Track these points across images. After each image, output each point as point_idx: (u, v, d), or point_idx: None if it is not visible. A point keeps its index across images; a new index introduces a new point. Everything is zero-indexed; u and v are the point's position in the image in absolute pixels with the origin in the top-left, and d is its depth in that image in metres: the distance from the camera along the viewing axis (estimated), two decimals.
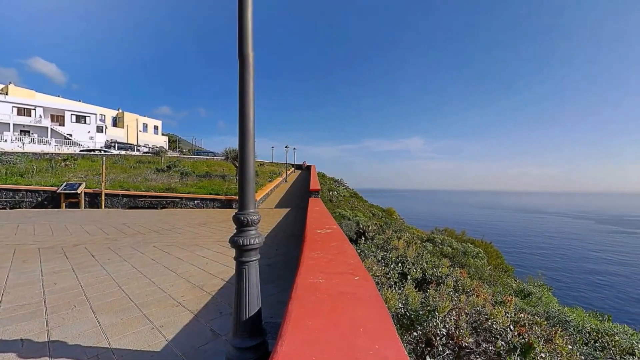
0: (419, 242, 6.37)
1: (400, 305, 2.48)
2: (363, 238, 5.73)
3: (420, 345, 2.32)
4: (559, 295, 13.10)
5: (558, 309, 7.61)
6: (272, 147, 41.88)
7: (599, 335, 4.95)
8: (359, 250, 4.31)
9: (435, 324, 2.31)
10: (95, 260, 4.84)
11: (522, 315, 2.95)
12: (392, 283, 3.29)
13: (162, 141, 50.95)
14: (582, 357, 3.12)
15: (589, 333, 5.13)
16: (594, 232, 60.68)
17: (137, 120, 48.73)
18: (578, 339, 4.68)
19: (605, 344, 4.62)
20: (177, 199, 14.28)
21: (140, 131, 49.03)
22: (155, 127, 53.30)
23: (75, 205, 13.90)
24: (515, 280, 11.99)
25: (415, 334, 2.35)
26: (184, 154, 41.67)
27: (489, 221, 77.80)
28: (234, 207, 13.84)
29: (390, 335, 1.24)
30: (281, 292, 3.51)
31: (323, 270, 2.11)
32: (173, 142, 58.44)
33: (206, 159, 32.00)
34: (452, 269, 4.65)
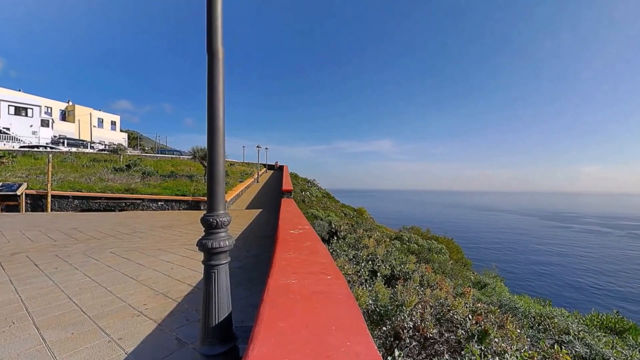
0: (388, 240, 6.62)
1: (370, 301, 2.56)
2: (335, 237, 5.81)
3: (390, 338, 2.41)
4: (510, 285, 14.43)
5: (509, 298, 8.41)
6: (243, 147, 40.98)
7: (542, 319, 5.55)
8: (331, 250, 4.36)
9: (402, 317, 2.42)
10: (40, 270, 4.34)
11: (479, 305, 3.20)
12: (363, 280, 3.38)
13: (120, 138, 47.09)
14: (528, 340, 3.47)
15: (534, 317, 5.73)
16: (538, 227, 68.77)
17: (90, 114, 44.52)
18: (525, 323, 5.20)
19: (547, 326, 5.20)
20: (139, 201, 13.30)
21: (94, 127, 44.87)
22: (113, 123, 49.13)
23: (14, 208, 12.32)
24: (473, 273, 12.97)
25: (384, 328, 2.43)
26: (146, 153, 38.99)
27: (451, 219, 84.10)
28: (202, 208, 13.26)
29: (361, 331, 1.28)
30: (252, 294, 3.43)
31: (296, 270, 2.10)
32: (133, 140, 54.34)
33: (171, 158, 30.29)
34: (418, 264, 4.90)
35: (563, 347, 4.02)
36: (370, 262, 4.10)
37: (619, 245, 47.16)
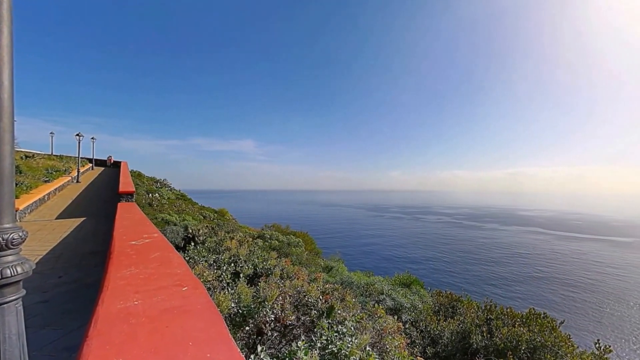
0: (251, 239, 6.63)
1: (233, 304, 2.50)
2: (192, 243, 5.22)
3: (253, 336, 2.45)
4: (348, 265, 17.95)
5: (347, 275, 10.50)
6: (52, 134, 28.75)
7: (368, 287, 7.30)
8: (187, 257, 3.89)
9: (265, 312, 2.52)
10: None
11: (327, 286, 3.81)
12: (225, 284, 3.24)
13: None
14: (360, 305, 4.47)
15: (363, 287, 7.44)
16: (365, 217, 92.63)
17: None
18: (358, 293, 6.67)
19: (371, 291, 6.89)
20: None
21: None
22: None
23: None
24: (323, 260, 15.24)
25: (247, 328, 2.44)
26: None
27: (306, 214, 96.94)
28: None
29: (223, 338, 1.24)
30: (69, 334, 2.54)
31: (139, 289, 1.74)
32: None
33: None
34: (279, 259, 5.21)
35: (380, 304, 5.46)
36: (232, 264, 3.97)
37: (408, 225, 71.33)
